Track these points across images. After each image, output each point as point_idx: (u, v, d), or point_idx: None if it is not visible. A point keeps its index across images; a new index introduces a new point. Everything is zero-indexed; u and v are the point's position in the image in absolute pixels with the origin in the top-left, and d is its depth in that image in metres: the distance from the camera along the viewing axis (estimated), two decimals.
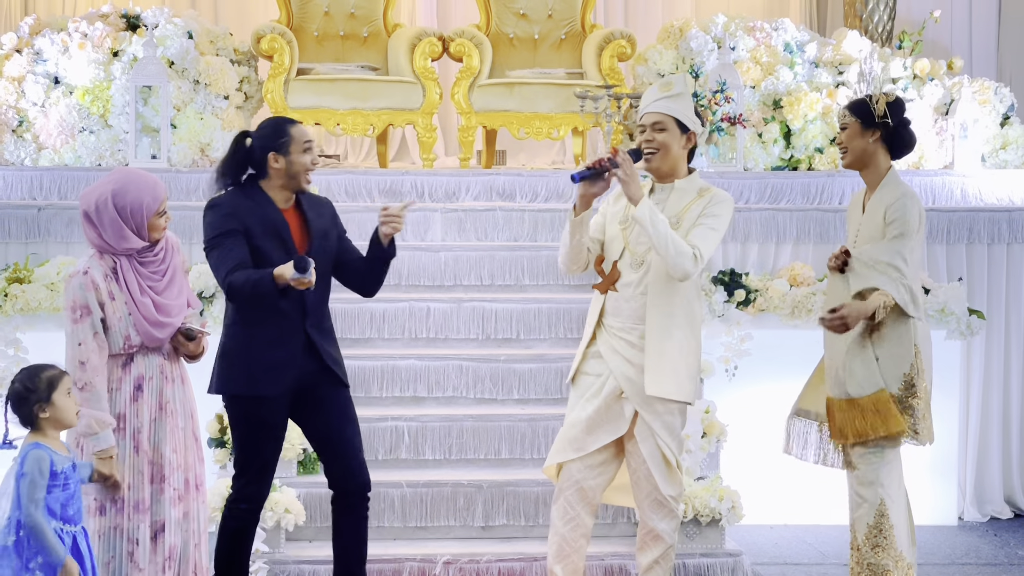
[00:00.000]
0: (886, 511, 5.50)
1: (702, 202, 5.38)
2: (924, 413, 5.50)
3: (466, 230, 7.98)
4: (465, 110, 9.12)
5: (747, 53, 8.99)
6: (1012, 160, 8.93)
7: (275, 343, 5.23)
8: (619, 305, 5.40)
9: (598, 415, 5.38)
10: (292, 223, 5.33)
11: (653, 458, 5.33)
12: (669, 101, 5.41)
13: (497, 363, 7.13)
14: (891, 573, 5.49)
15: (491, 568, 6.29)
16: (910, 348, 5.47)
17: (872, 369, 5.46)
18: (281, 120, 5.41)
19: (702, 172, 8.40)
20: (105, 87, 8.44)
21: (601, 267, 5.46)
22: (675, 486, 5.40)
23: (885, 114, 5.54)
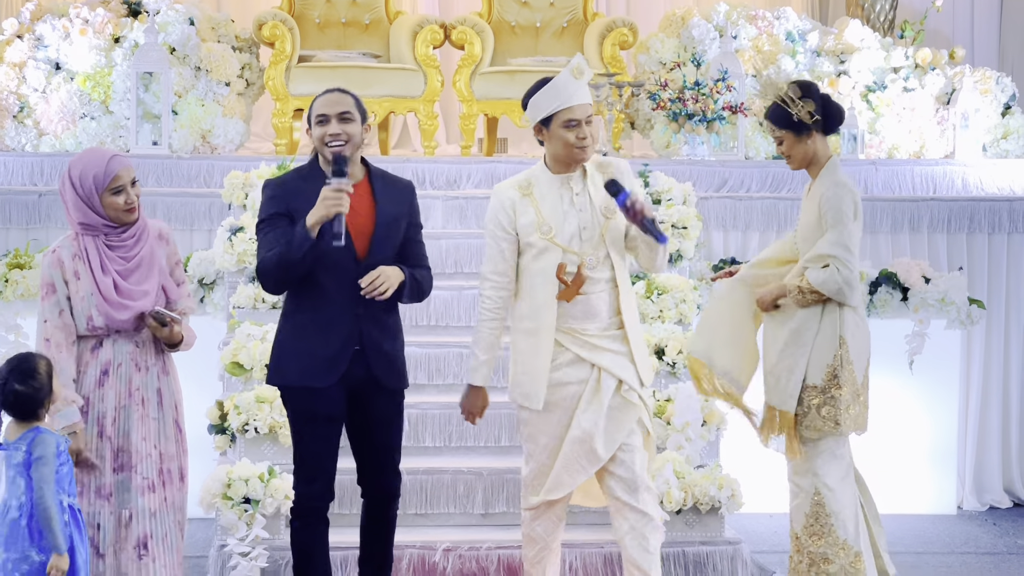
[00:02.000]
0: (823, 500, 5.56)
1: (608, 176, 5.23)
2: (849, 404, 5.55)
3: (467, 217, 7.97)
4: (467, 98, 9.12)
5: (749, 42, 8.98)
6: (1013, 150, 8.93)
7: (326, 335, 5.07)
8: (588, 307, 5.17)
9: (611, 418, 5.17)
10: (356, 204, 5.04)
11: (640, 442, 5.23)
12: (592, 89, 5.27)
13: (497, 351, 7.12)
14: (831, 562, 5.55)
15: (491, 555, 6.30)
16: (835, 339, 5.54)
17: (794, 385, 5.58)
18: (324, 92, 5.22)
19: (704, 162, 8.40)
20: (106, 73, 8.44)
21: (563, 276, 5.14)
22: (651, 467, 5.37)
23: (812, 113, 5.57)
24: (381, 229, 5.09)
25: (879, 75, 8.94)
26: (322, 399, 5.10)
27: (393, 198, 5.17)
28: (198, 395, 7.15)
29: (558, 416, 5.18)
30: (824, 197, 5.52)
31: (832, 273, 5.45)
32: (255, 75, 8.98)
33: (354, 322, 5.07)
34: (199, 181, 8.16)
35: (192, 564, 6.63)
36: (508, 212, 5.26)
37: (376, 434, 5.24)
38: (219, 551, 6.17)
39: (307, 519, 5.27)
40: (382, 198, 5.13)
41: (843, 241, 5.46)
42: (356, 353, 5.08)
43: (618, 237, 5.22)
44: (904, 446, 7.75)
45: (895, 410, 7.72)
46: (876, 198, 8.24)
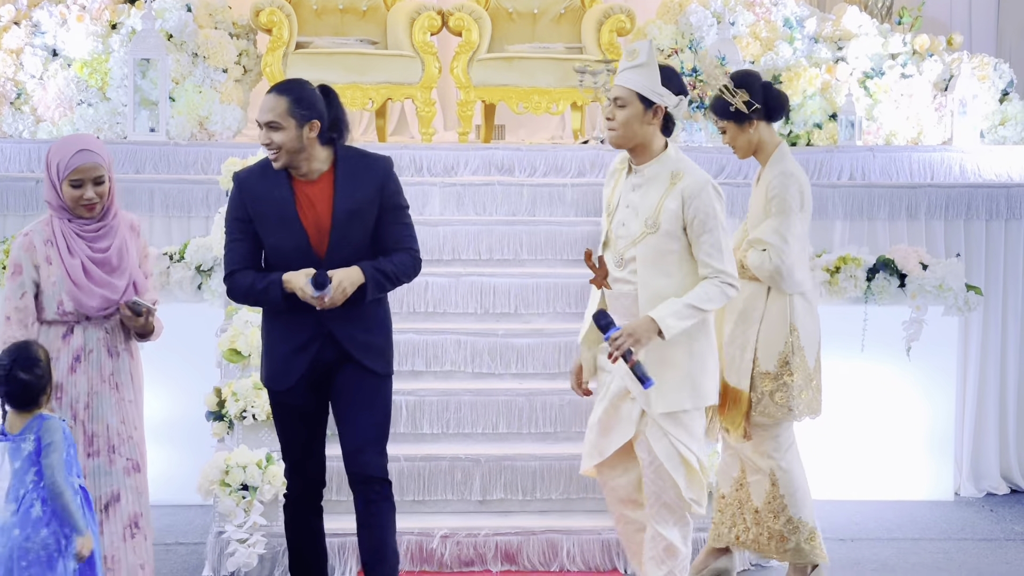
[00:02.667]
0: (777, 481, 5.73)
1: (675, 194, 4.91)
2: (802, 389, 5.67)
3: (464, 204, 7.97)
4: (464, 84, 9.11)
5: (746, 28, 8.97)
6: (1011, 136, 8.92)
7: (287, 334, 5.01)
8: (612, 302, 5.07)
9: (607, 416, 5.09)
10: (317, 198, 4.94)
11: (670, 458, 4.96)
12: (633, 73, 4.95)
13: (495, 337, 7.14)
14: (787, 540, 5.74)
15: (488, 542, 6.31)
16: (785, 327, 5.65)
17: (747, 363, 5.65)
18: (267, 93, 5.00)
19: (701, 148, 8.40)
20: (103, 60, 8.43)
21: (591, 261, 5.04)
22: (695, 489, 5.00)
23: (749, 103, 5.64)
24: (339, 224, 4.92)
25: (877, 61, 8.93)
26: (290, 396, 5.08)
27: (360, 183, 4.95)
28: (196, 382, 7.16)
29: (598, 396, 5.20)
30: (771, 185, 5.62)
31: (766, 259, 5.58)
32: (252, 62, 8.97)
33: (318, 324, 4.97)
34: (196, 168, 8.15)
35: (190, 551, 6.65)
36: (608, 180, 5.23)
37: (356, 415, 5.04)
38: (217, 538, 6.18)
39: (294, 509, 5.26)
40: (344, 189, 4.93)
41: (782, 231, 5.57)
42: (321, 338, 4.97)
43: (652, 255, 4.95)
44: (901, 432, 7.75)
45: (892, 397, 7.73)
46: (874, 184, 8.24)
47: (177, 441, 7.35)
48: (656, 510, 5.04)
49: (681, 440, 4.95)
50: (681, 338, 4.88)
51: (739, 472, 5.87)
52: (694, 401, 4.96)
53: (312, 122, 4.89)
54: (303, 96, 4.92)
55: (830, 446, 7.60)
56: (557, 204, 7.97)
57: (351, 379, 5.04)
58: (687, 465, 4.98)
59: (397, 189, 5.03)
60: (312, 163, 4.95)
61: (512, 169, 8.33)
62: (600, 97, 8.54)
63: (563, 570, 6.28)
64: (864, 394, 7.72)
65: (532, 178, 8.24)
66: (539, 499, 6.58)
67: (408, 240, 5.05)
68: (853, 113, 8.62)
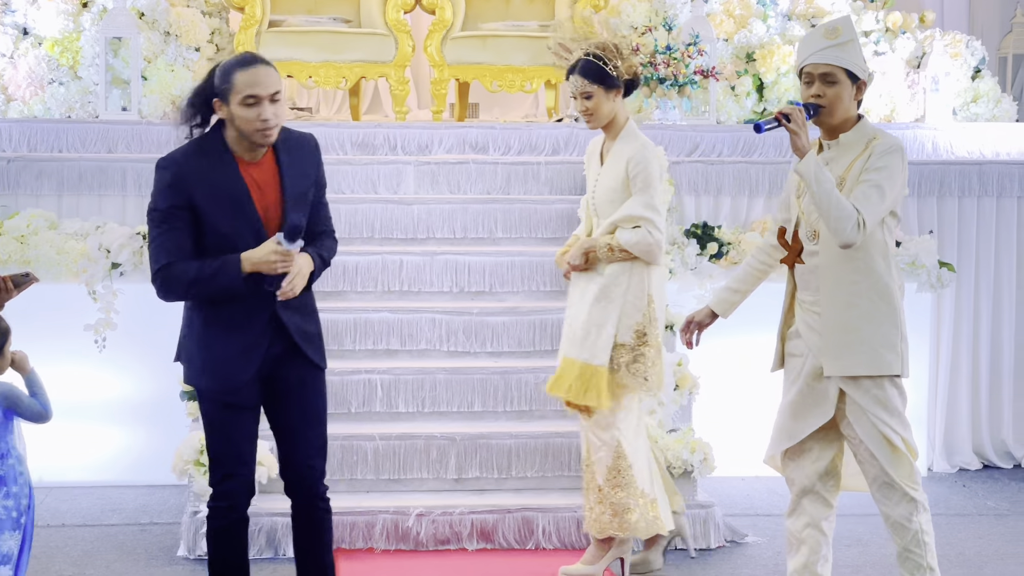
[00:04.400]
0: (623, 452, 5.76)
1: (866, 154, 4.86)
2: (655, 360, 5.73)
3: (439, 183, 7.96)
4: (438, 63, 9.09)
5: (720, 6, 8.97)
6: (983, 113, 8.95)
7: (234, 330, 4.66)
8: (806, 277, 4.96)
9: (802, 398, 4.95)
10: (263, 181, 4.64)
11: (871, 438, 4.85)
12: (838, 50, 4.87)
13: (470, 316, 7.14)
14: (632, 511, 5.76)
15: (464, 520, 6.31)
16: (644, 298, 5.72)
17: (606, 340, 5.66)
18: (238, 60, 4.62)
19: (676, 126, 8.39)
20: (75, 38, 8.37)
21: (784, 239, 5.03)
22: (904, 467, 4.89)
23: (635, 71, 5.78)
24: (290, 208, 4.63)
25: None
26: (238, 396, 4.72)
27: (300, 164, 4.70)
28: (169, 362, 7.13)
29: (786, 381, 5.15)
30: (633, 160, 5.67)
31: (644, 235, 5.63)
32: (225, 40, 8.92)
33: (270, 315, 4.67)
34: (170, 146, 7.85)
35: (164, 531, 6.63)
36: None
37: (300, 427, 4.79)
38: (192, 517, 6.17)
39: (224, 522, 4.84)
40: (288, 169, 4.65)
41: (653, 204, 5.66)
42: (273, 330, 4.68)
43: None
44: None
45: None
46: None
47: (151, 421, 7.34)
48: (877, 489, 4.94)
49: (879, 416, 4.85)
50: (859, 303, 4.84)
51: (584, 452, 5.87)
52: (872, 367, 4.83)
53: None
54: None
55: None
56: (531, 182, 7.97)
57: (296, 376, 4.75)
58: (890, 443, 4.88)
59: (322, 167, 4.82)
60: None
61: (486, 147, 8.32)
62: None
63: (539, 548, 6.29)
64: None
65: (506, 156, 8.23)
66: (514, 477, 6.59)
67: (329, 222, 4.85)
68: None
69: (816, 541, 5.01)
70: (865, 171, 4.81)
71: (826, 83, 4.86)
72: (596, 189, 5.78)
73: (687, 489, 6.49)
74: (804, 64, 4.91)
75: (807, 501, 5.03)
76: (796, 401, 4.97)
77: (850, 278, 4.86)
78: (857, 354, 4.84)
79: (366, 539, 6.27)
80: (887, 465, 4.87)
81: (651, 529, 5.82)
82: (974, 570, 6.27)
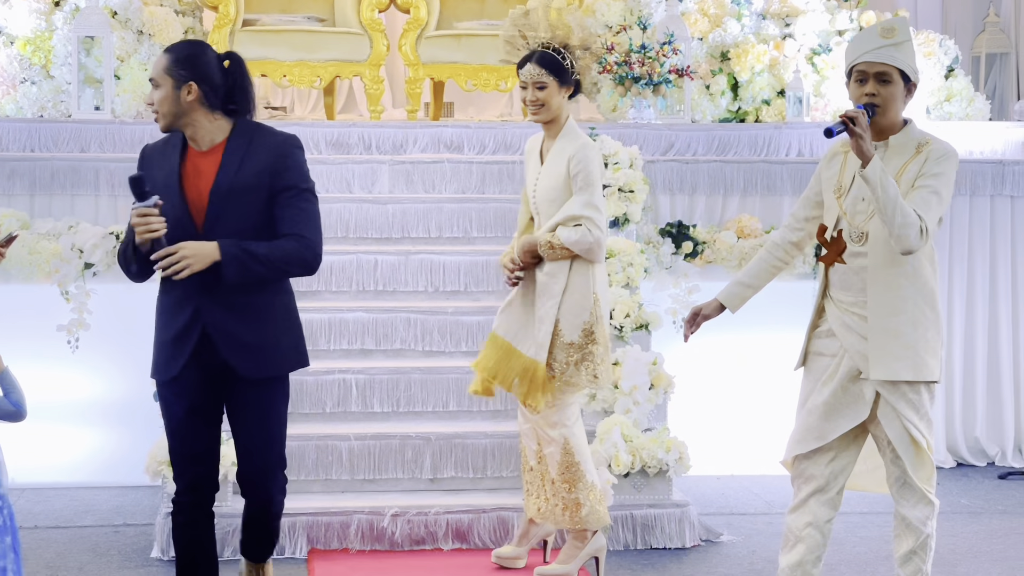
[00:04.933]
0: (571, 448, 5.81)
1: (920, 158, 4.81)
2: (603, 357, 5.78)
3: (414, 182, 7.95)
4: (412, 62, 9.07)
5: (695, 5, 8.97)
6: (956, 112, 8.97)
7: (168, 320, 4.69)
8: (848, 278, 4.89)
9: (835, 399, 4.89)
10: (205, 170, 4.65)
11: (900, 440, 4.84)
12: (894, 50, 4.80)
13: (445, 315, 7.13)
14: (583, 506, 5.83)
15: (439, 520, 6.30)
16: (589, 296, 5.75)
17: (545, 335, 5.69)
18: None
19: (650, 125, 8.40)
20: (47, 37, 8.33)
21: (824, 237, 4.95)
22: (925, 469, 4.89)
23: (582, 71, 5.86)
24: (217, 200, 4.60)
25: (824, 38, 8.96)
26: (176, 390, 4.72)
27: (250, 160, 4.64)
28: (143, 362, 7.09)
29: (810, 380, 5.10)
30: (575, 159, 5.69)
31: (584, 233, 5.65)
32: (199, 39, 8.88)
33: (194, 313, 4.65)
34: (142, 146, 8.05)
35: (138, 532, 6.61)
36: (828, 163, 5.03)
37: (240, 429, 4.78)
38: (165, 519, 6.14)
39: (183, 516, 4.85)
40: (230, 163, 4.63)
41: (594, 202, 5.68)
42: (202, 337, 4.65)
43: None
44: None
45: None
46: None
47: (124, 422, 7.31)
48: (897, 489, 4.95)
49: (911, 420, 4.84)
50: (904, 307, 4.82)
51: (537, 445, 5.90)
52: (916, 372, 4.82)
53: (189, 84, 4.62)
54: (185, 56, 4.68)
55: (779, 421, 7.63)
56: (507, 181, 7.96)
57: (237, 390, 4.71)
58: (916, 446, 4.87)
59: (295, 169, 4.67)
60: (198, 130, 4.67)
61: (461, 147, 8.32)
62: None
63: None
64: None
65: (481, 155, 8.23)
66: (490, 477, 6.59)
67: (300, 225, 4.63)
68: (801, 89, 8.64)
69: (815, 542, 4.99)
70: (922, 176, 4.77)
71: (880, 82, 4.80)
72: (537, 188, 5.80)
73: (662, 488, 6.49)
74: (857, 62, 4.84)
75: (815, 501, 4.98)
76: (829, 402, 4.90)
77: (898, 282, 4.82)
78: (902, 359, 4.81)
79: (341, 539, 6.25)
80: (911, 467, 4.86)
81: (601, 521, 5.88)
82: (948, 568, 6.28)
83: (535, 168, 5.84)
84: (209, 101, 4.67)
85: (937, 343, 4.90)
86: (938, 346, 4.90)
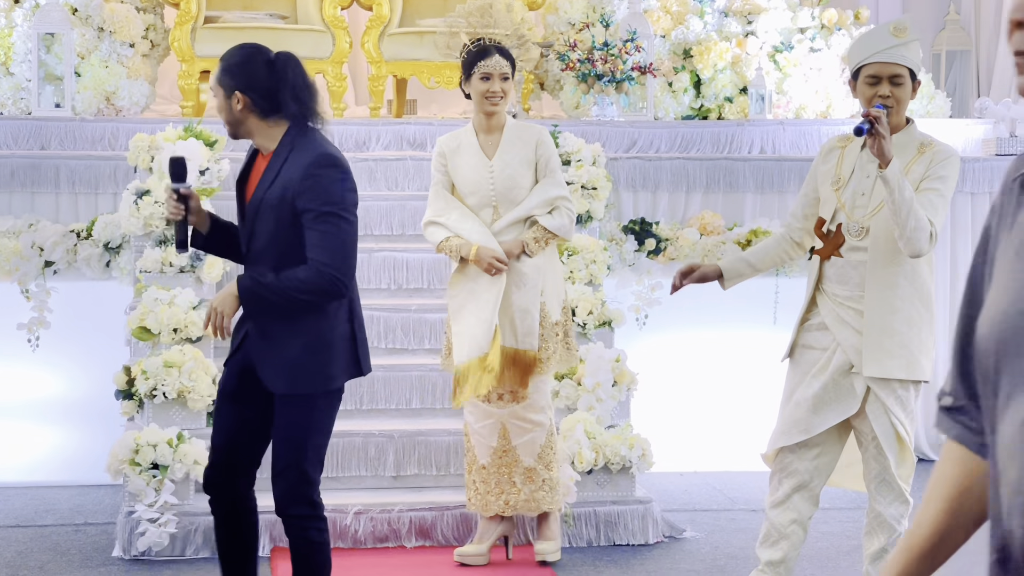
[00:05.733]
0: (552, 430, 6.01)
1: (924, 160, 4.83)
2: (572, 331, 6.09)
3: (377, 180, 7.93)
4: (375, 59, 9.05)
5: (657, 2, 8.99)
6: (917, 109, 9.02)
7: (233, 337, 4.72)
8: (845, 272, 4.90)
9: (826, 392, 4.89)
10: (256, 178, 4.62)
11: (887, 437, 4.86)
12: (904, 49, 4.82)
13: (408, 313, 7.12)
14: (558, 487, 6.02)
15: (403, 517, 6.30)
16: (561, 275, 6.04)
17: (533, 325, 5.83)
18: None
19: (613, 122, 8.41)
20: (6, 34, 8.27)
21: (822, 231, 4.95)
22: (907, 467, 4.92)
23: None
24: (250, 213, 4.56)
25: (786, 36, 8.99)
26: (226, 370, 4.77)
27: (286, 174, 4.51)
28: (105, 360, 7.07)
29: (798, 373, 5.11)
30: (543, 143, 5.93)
31: (565, 214, 5.86)
32: (160, 36, 8.85)
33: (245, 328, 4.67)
34: (104, 144, 8.02)
35: (99, 531, 6.57)
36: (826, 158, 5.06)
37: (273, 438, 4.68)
38: (127, 517, 6.12)
39: (211, 495, 4.82)
40: (267, 175, 4.55)
41: (561, 181, 5.92)
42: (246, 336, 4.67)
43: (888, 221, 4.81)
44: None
45: None
46: (784, 158, 8.30)
47: (86, 420, 7.27)
48: (876, 485, 4.95)
49: (898, 417, 4.87)
50: (900, 305, 4.84)
51: (498, 440, 5.93)
52: (909, 371, 4.85)
53: (235, 93, 4.52)
54: (232, 64, 4.57)
55: (742, 418, 7.66)
56: None
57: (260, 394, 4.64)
58: (901, 443, 4.90)
59: (317, 189, 4.47)
60: (256, 137, 4.60)
61: (424, 144, 8.30)
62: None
63: None
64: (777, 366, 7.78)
65: None
66: (453, 474, 6.58)
67: (316, 250, 4.45)
68: (763, 87, 8.67)
69: (799, 539, 5.01)
70: (928, 179, 4.79)
71: (894, 84, 4.82)
72: (493, 179, 5.88)
73: (625, 485, 6.50)
74: (869, 61, 4.83)
75: (799, 497, 4.98)
76: (819, 395, 4.90)
77: (896, 280, 4.84)
78: (896, 357, 4.82)
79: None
80: (894, 463, 4.88)
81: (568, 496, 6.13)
82: None
83: (477, 163, 5.90)
84: (260, 108, 4.55)
85: (930, 343, 4.91)
86: (931, 346, 4.91)
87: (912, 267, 4.85)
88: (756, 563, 5.11)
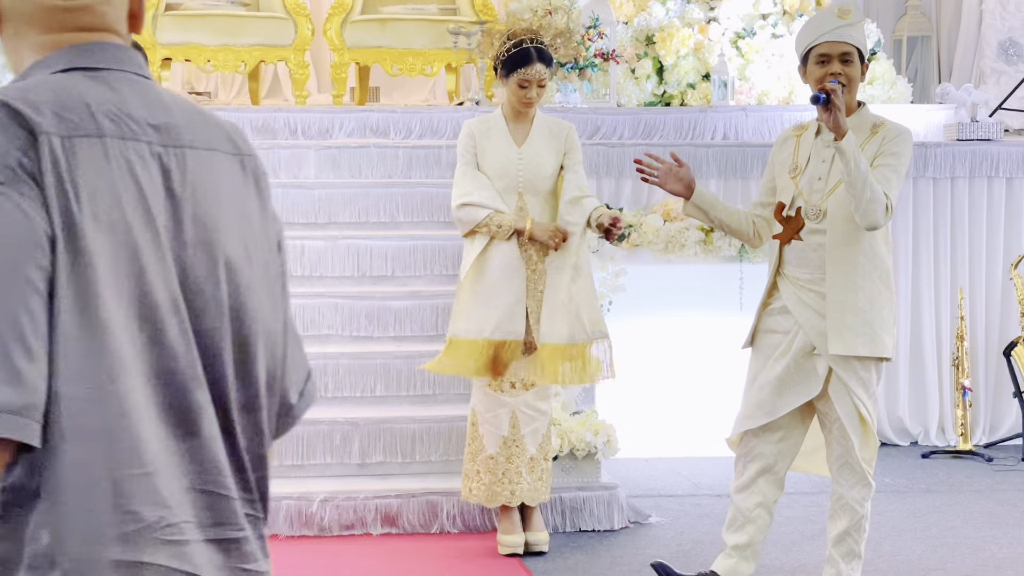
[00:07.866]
0: (551, 420, 6.08)
1: (876, 139, 4.92)
2: None
3: (340, 167, 7.92)
4: (338, 46, 9.03)
5: None
6: (878, 95, 9.06)
7: None
8: (805, 255, 4.95)
9: (788, 375, 4.93)
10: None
11: (850, 418, 4.90)
12: (851, 30, 4.92)
13: (372, 300, 7.11)
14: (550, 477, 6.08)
15: (368, 505, 6.29)
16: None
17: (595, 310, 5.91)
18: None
19: (576, 109, 8.41)
20: None
21: (781, 215, 5.01)
22: (870, 449, 4.96)
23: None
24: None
25: (748, 22, 9.01)
26: None
27: None
28: None
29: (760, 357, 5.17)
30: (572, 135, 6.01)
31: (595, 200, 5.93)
32: None
33: None
34: None
35: None
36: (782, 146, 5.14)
37: None
38: None
39: None
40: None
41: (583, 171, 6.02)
42: None
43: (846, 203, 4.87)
44: None
45: None
46: (747, 144, 8.32)
47: None
48: (838, 468, 4.97)
49: (861, 398, 4.91)
50: (861, 283, 4.88)
51: (509, 429, 5.94)
52: (873, 348, 4.89)
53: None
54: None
55: (706, 404, 7.69)
56: (433, 166, 7.95)
57: None
58: (864, 425, 4.93)
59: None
60: None
61: (387, 131, 8.29)
62: (474, 59, 8.51)
63: (443, 532, 6.29)
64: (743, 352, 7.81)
65: (407, 140, 8.21)
66: (418, 461, 6.58)
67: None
68: (726, 73, 8.69)
69: (764, 522, 5.04)
70: (881, 155, 4.84)
71: (844, 62, 4.89)
72: (522, 166, 5.92)
73: (591, 471, 6.52)
74: (817, 43, 4.90)
75: (764, 480, 5.01)
76: (782, 376, 4.93)
77: (855, 259, 4.87)
78: (860, 335, 4.85)
79: (270, 525, 6.21)
80: (857, 445, 4.90)
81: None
82: (873, 546, 6.35)
83: (507, 148, 5.93)
84: None
85: (891, 321, 4.95)
86: (892, 324, 4.96)
87: (870, 245, 4.88)
88: (722, 547, 5.13)
